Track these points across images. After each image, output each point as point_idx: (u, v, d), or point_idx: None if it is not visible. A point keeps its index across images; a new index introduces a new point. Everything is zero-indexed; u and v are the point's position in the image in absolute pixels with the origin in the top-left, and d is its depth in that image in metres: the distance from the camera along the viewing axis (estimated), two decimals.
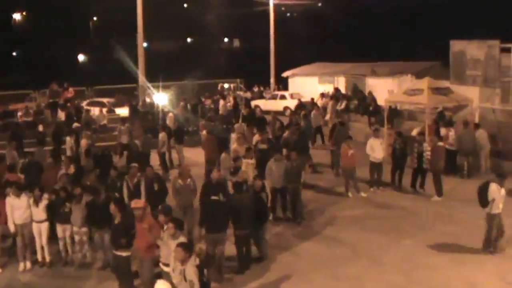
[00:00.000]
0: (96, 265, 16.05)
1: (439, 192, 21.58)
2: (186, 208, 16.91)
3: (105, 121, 33.94)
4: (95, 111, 36.88)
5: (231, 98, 42.44)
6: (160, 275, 13.15)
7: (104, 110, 37.04)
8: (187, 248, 11.09)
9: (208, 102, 42.15)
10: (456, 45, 27.48)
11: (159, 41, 77.37)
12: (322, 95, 41.44)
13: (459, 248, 16.69)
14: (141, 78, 40.47)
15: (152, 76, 41.46)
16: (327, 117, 36.21)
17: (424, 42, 63.29)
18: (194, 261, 11.09)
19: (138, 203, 13.87)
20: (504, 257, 15.92)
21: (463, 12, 76.03)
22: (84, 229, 15.95)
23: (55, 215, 16.11)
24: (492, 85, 26.02)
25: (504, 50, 25.57)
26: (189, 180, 17.22)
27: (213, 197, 15.16)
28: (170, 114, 32.53)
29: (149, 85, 40.62)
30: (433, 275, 14.95)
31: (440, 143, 22.72)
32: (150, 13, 41.79)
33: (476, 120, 26.03)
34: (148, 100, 39.20)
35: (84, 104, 39.63)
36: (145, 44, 42.12)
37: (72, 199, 15.96)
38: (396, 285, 14.49)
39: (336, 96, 39.66)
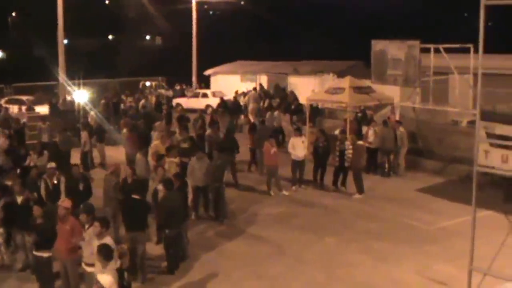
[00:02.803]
0: (16, 266, 15.50)
1: (360, 190, 21.78)
2: (116, 206, 16.53)
3: (24, 119, 33.02)
4: (14, 109, 35.92)
5: (152, 97, 41.97)
6: (83, 276, 12.83)
7: (24, 108, 36.07)
8: (106, 252, 10.79)
9: (129, 100, 41.55)
10: (377, 45, 27.74)
11: (80, 38, 75.94)
12: (244, 93, 41.38)
13: (380, 245, 16.82)
14: (62, 76, 39.58)
15: (73, 74, 40.57)
16: (250, 116, 36.27)
17: (346, 41, 64.02)
18: (115, 264, 10.79)
19: (65, 202, 13.48)
20: (424, 253, 16.12)
21: (384, 12, 77.27)
22: (0, 231, 15.39)
23: None
24: (413, 84, 26.38)
25: (424, 50, 25.95)
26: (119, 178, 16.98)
27: (134, 196, 14.87)
28: (91, 113, 31.93)
29: (69, 82, 39.77)
30: (355, 272, 15.02)
31: (360, 142, 22.96)
32: (70, 9, 40.85)
33: (397, 118, 26.37)
34: (68, 98, 38.35)
35: (2, 102, 38.62)
36: (65, 41, 41.16)
37: None
38: (319, 283, 14.49)
39: (260, 94, 39.70)
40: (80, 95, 36.42)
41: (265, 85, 43.96)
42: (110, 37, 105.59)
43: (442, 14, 70.95)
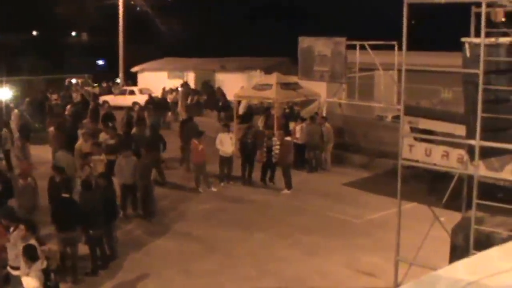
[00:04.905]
0: None
1: (289, 185, 21.97)
2: (30, 208, 16.21)
3: None
4: None
5: (78, 94, 41.34)
6: (8, 278, 12.59)
7: None
8: (30, 252, 10.63)
9: (54, 97, 40.82)
10: (304, 42, 27.97)
11: (2, 34, 73.98)
12: (172, 90, 41.22)
13: (309, 239, 17.02)
14: None
15: None
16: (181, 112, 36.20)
17: (273, 38, 64.18)
18: (40, 265, 10.64)
19: None
20: (352, 246, 16.40)
21: (311, 8, 77.73)
22: None
23: None
24: (339, 80, 26.72)
25: (350, 47, 26.31)
26: (30, 179, 16.51)
27: (64, 195, 14.66)
28: (15, 111, 31.23)
29: None
30: (285, 266, 15.16)
31: (288, 138, 23.16)
32: None
33: (324, 114, 26.71)
34: None
35: None
36: None
37: None
38: (250, 278, 14.58)
39: (187, 91, 39.62)
40: (3, 93, 35.61)
41: (192, 82, 43.86)
42: (34, 33, 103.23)
43: (367, 11, 71.92)
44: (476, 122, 11.13)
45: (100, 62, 46.69)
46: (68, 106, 34.09)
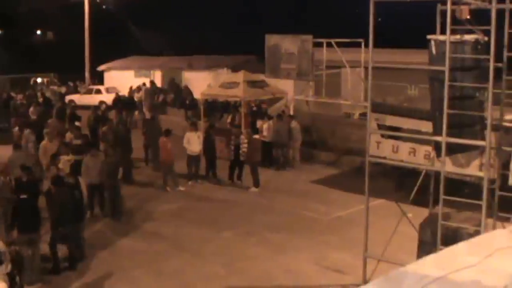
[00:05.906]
0: None
1: (256, 183, 21.96)
2: (5, 206, 16.05)
3: None
4: None
5: (40, 94, 40.94)
6: None
7: None
8: None
9: (19, 97, 40.34)
10: (271, 39, 27.93)
11: None
12: (139, 88, 40.96)
13: (278, 237, 17.03)
14: None
15: None
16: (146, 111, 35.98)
17: (240, 36, 64.17)
18: (5, 268, 10.50)
19: None
20: (321, 243, 16.42)
21: (277, 6, 77.86)
22: None
23: None
24: (306, 78, 26.74)
25: (317, 45, 26.34)
26: (8, 177, 16.43)
27: (23, 196, 14.48)
28: None
29: None
30: (253, 265, 15.15)
31: (256, 136, 23.16)
32: None
33: (291, 112, 26.77)
34: None
35: None
36: None
37: None
38: (218, 276, 14.54)
39: (153, 89, 39.44)
40: None
41: (159, 81, 43.64)
42: None
43: (334, 9, 72.29)
44: (442, 119, 11.22)
45: None
46: (31, 109, 33.70)
